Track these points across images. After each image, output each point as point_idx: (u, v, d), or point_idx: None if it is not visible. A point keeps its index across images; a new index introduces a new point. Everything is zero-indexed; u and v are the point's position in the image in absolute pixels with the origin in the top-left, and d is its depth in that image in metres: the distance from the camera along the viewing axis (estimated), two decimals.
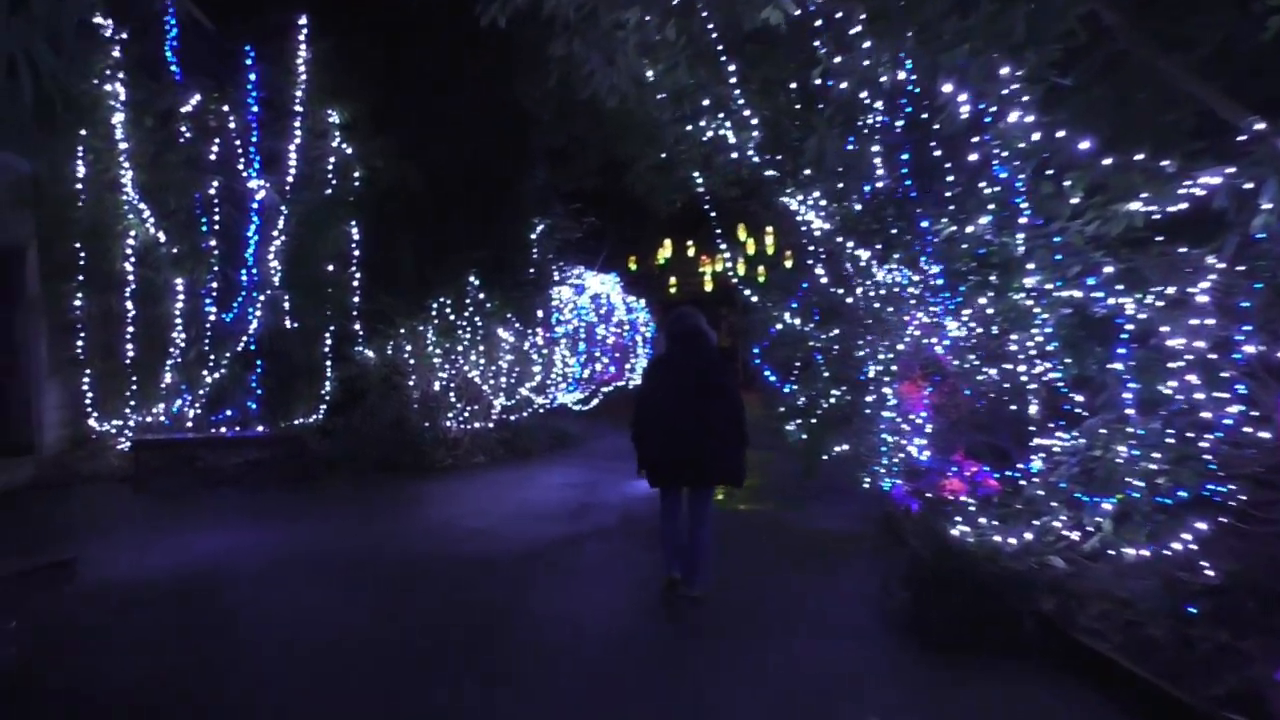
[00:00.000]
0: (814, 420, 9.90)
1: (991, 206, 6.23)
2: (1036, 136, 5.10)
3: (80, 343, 11.28)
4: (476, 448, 12.48)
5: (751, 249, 22.93)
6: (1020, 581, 5.30)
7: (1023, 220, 5.85)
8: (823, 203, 8.59)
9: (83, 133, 10.71)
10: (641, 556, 7.29)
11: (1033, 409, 6.65)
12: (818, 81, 5.85)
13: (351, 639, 5.58)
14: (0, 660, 4.75)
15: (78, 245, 10.92)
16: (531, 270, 13.98)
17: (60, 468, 11.04)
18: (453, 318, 12.51)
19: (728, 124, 8.73)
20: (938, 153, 6.91)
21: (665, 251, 24.64)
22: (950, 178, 6.89)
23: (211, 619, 5.98)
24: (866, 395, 8.54)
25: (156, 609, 6.17)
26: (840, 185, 7.92)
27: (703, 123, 8.60)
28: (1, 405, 10.85)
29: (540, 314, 14.21)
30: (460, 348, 12.53)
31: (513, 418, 13.42)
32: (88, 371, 11.41)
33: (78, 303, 11.12)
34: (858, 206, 8.12)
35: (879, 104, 7.02)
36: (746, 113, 8.34)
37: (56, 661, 5.08)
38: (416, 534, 8.44)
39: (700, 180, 10.37)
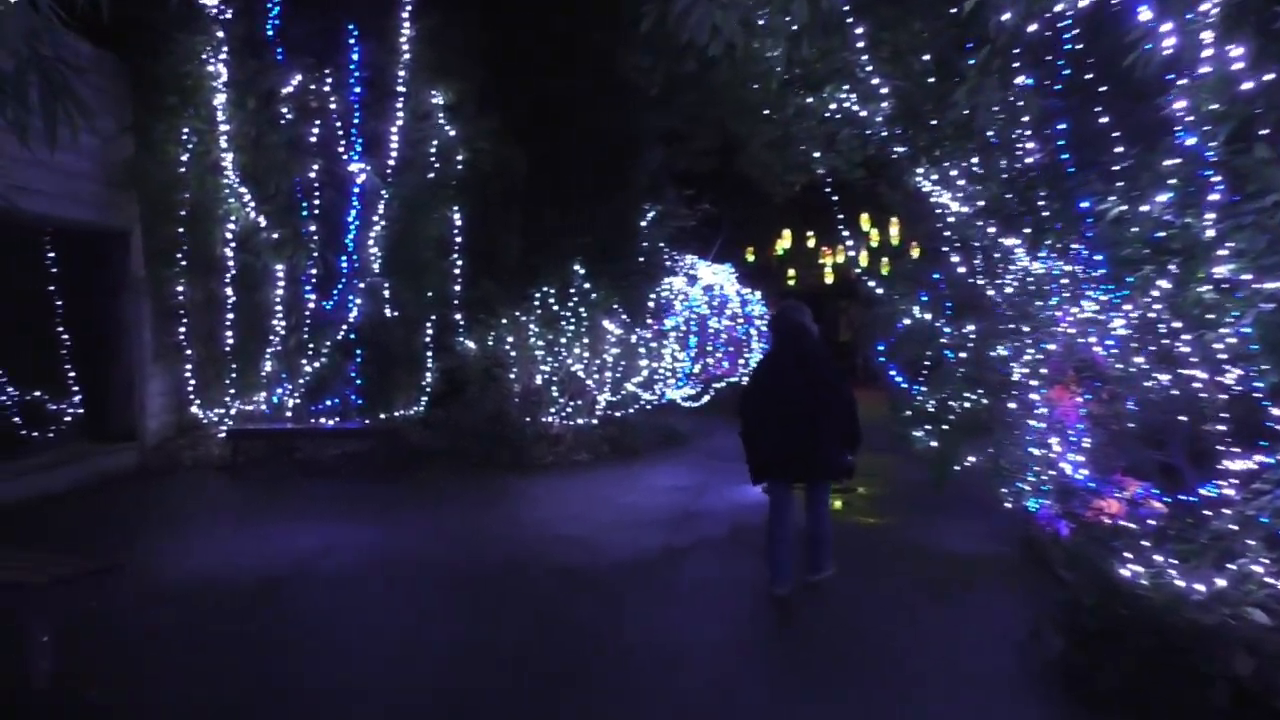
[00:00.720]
0: (945, 426, 8.90)
1: (1173, 181, 5.21)
2: (1248, 86, 4.09)
3: (183, 329, 11.16)
4: (579, 445, 11.88)
5: (875, 239, 21.82)
6: (1210, 637, 4.32)
7: (1214, 197, 4.83)
8: (960, 181, 7.61)
9: (187, 114, 10.56)
10: (751, 576, 6.52)
11: (1217, 424, 5.58)
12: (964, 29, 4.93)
13: (424, 661, 5.00)
14: (34, 676, 4.31)
15: (180, 229, 10.78)
16: (641, 259, 13.28)
17: (163, 455, 10.94)
18: (556, 308, 11.94)
19: (853, 95, 7.84)
20: (1104, 119, 5.89)
21: (784, 242, 23.64)
22: (1119, 149, 5.86)
23: (275, 630, 5.49)
24: (1009, 400, 7.53)
25: (220, 615, 5.73)
26: (986, 156, 6.91)
27: (825, 93, 7.72)
28: (105, 391, 10.79)
29: (649, 305, 13.51)
30: (564, 339, 11.95)
31: (618, 414, 12.78)
32: (190, 358, 11.30)
33: (180, 288, 10.99)
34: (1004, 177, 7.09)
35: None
36: (875, 81, 7.43)
37: (99, 676, 4.64)
38: (508, 539, 7.86)
39: (820, 160, 9.49)
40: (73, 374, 11.01)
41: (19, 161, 9.07)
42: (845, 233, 11.76)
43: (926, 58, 6.99)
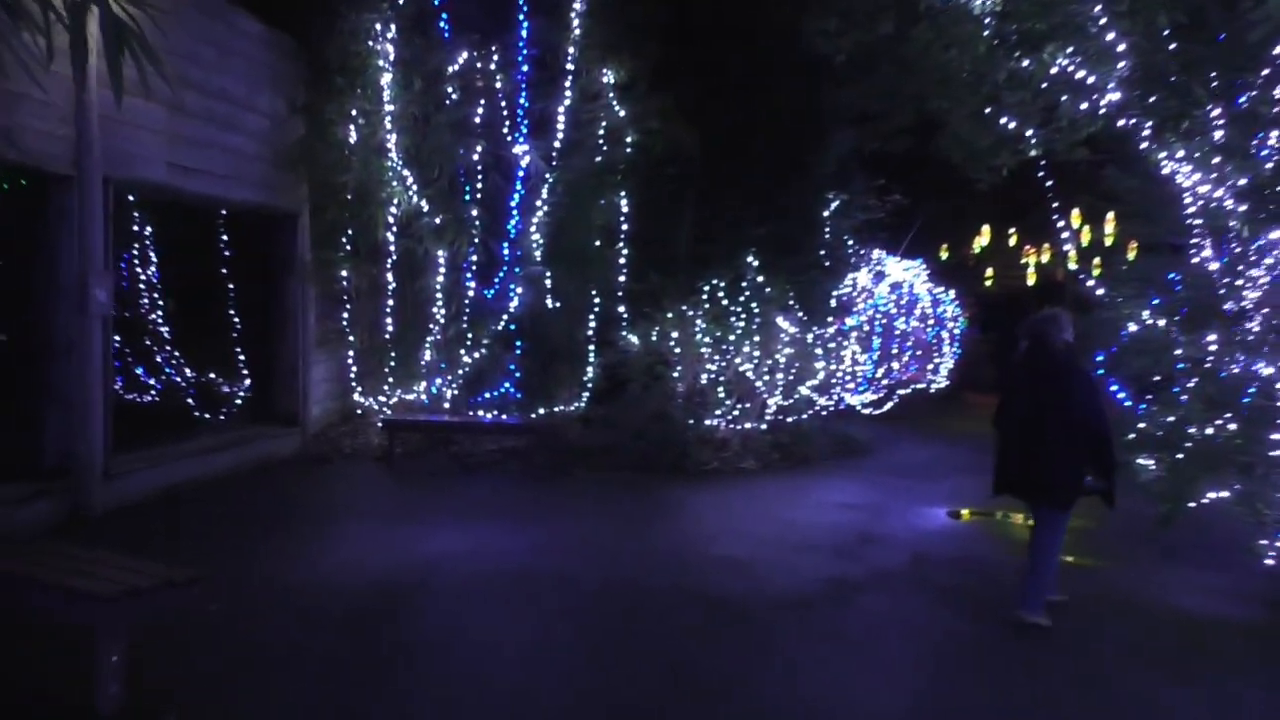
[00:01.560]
0: (1179, 455, 7.44)
1: None
2: None
3: (346, 315, 11.00)
4: (746, 450, 10.97)
5: (1087, 237, 19.76)
6: None
7: None
8: (1215, 159, 6.22)
9: (355, 94, 10.33)
10: (934, 624, 5.48)
11: None
12: None
13: (528, 715, 4.27)
14: (100, 701, 3.83)
15: (345, 213, 10.59)
16: (822, 252, 12.20)
17: (324, 442, 10.79)
18: (726, 303, 11.06)
19: (1079, 57, 6.57)
20: None
21: (982, 239, 21.79)
22: None
23: (372, 655, 4.89)
24: (1270, 430, 6.11)
25: (325, 630, 5.20)
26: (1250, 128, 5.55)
27: (1045, 54, 6.49)
28: (271, 375, 10.73)
29: (829, 302, 12.42)
30: (733, 337, 11.07)
31: (789, 419, 11.77)
32: (353, 345, 11.14)
33: (344, 273, 10.82)
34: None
35: None
36: (1110, 37, 6.16)
37: (176, 703, 4.15)
38: (658, 555, 7.08)
39: (1034, 139, 8.20)
40: (243, 357, 11.06)
41: (189, 142, 9.09)
42: (1057, 226, 10.29)
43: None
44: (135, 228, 11.02)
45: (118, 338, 11.32)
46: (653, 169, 11.02)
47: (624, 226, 11.26)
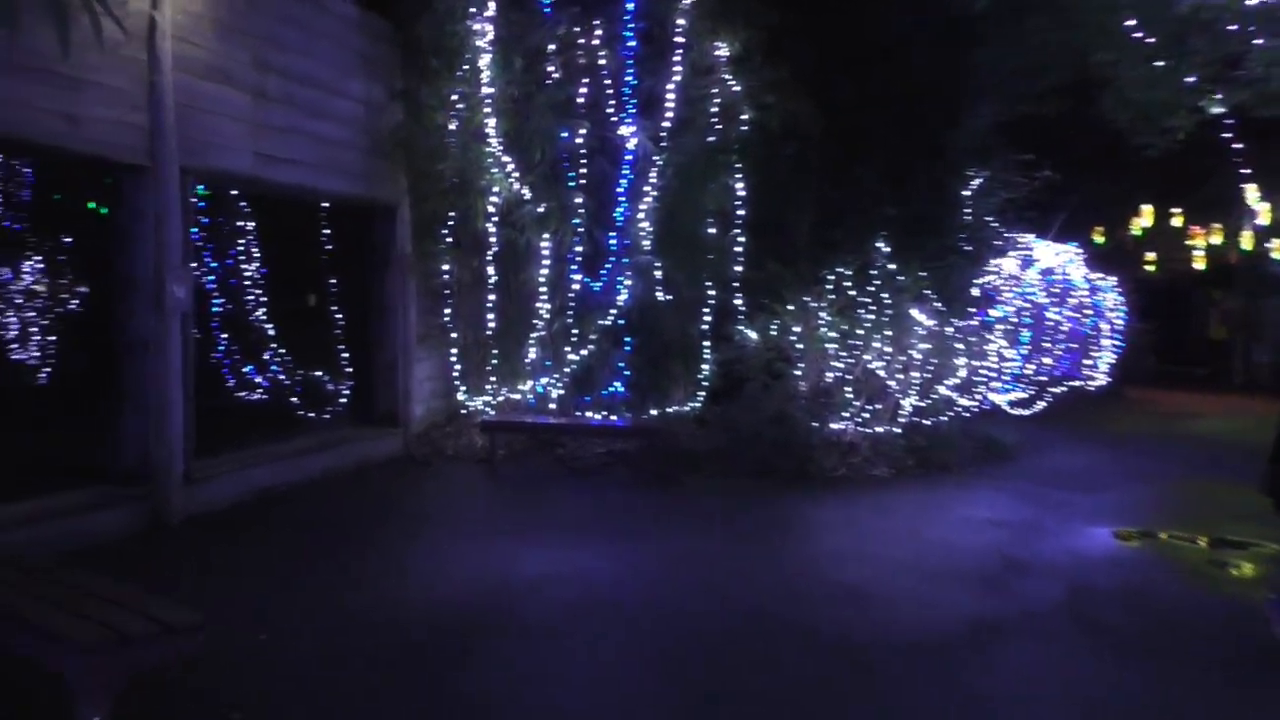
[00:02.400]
0: None
1: None
2: None
3: (448, 310, 10.49)
4: (876, 456, 9.93)
5: (1267, 215, 17.75)
6: None
7: None
8: None
9: (454, 77, 9.76)
10: (1104, 679, 4.44)
11: None
12: None
13: None
14: None
15: (445, 203, 10.05)
16: (961, 235, 10.97)
17: (426, 444, 10.33)
18: (854, 293, 10.03)
19: None
20: None
21: (1143, 220, 19.85)
22: None
23: (419, 706, 4.19)
24: None
25: (387, 670, 4.54)
26: None
27: None
28: (372, 373, 10.32)
29: (970, 291, 11.19)
30: (861, 331, 10.03)
31: (927, 421, 10.64)
32: (455, 342, 10.62)
33: (445, 266, 10.29)
34: None
35: None
36: None
37: None
38: (771, 583, 6.22)
39: (1216, 95, 6.92)
40: (342, 355, 10.70)
41: (275, 130, 8.68)
42: (1234, 201, 8.84)
43: None
44: (224, 220, 10.80)
45: (222, 335, 11.27)
46: (770, 147, 10.07)
47: (740, 211, 10.35)
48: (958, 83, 10.28)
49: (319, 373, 10.83)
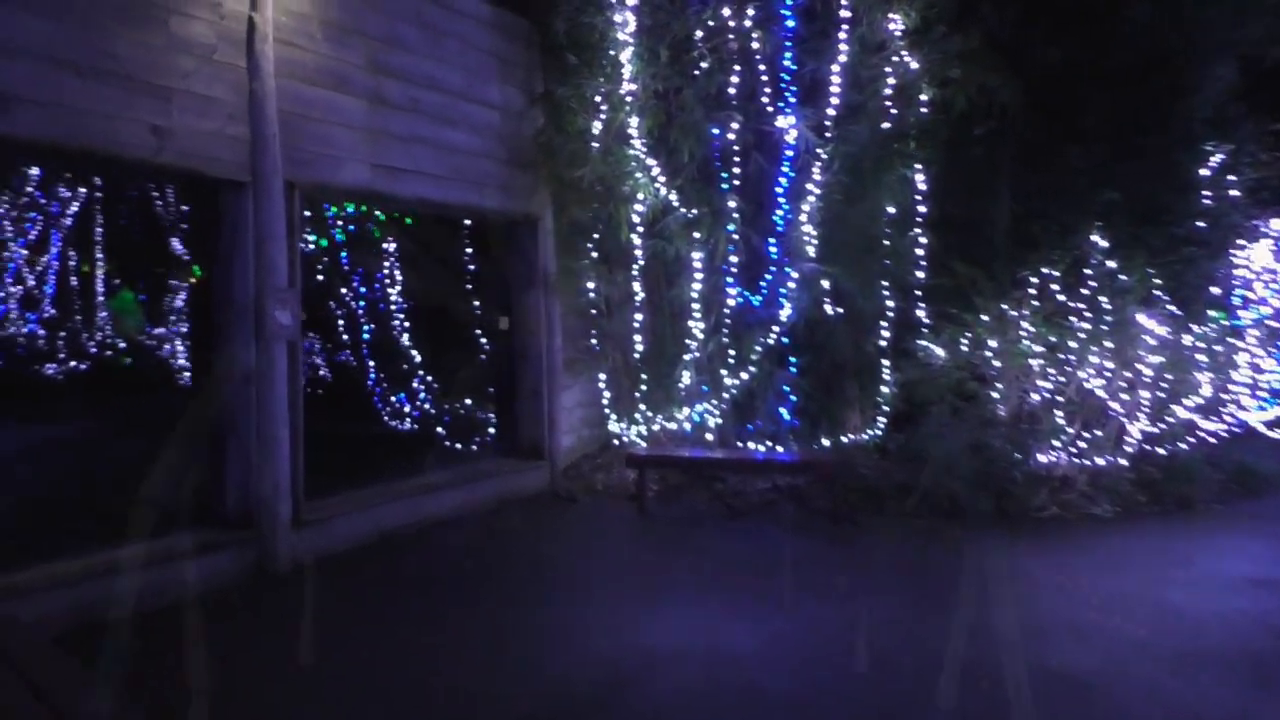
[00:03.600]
0: None
1: None
2: None
3: (595, 331, 9.61)
4: (1097, 491, 8.27)
5: None
6: None
7: None
8: None
9: (597, 75, 8.89)
10: None
11: None
12: None
13: None
14: None
15: (588, 213, 9.19)
16: (1200, 224, 9.08)
17: (574, 478, 9.48)
18: (1063, 298, 8.42)
19: None
20: None
21: None
22: None
23: None
24: None
25: None
26: None
27: None
28: (512, 401, 9.56)
29: (1211, 290, 9.27)
30: (1074, 343, 8.39)
31: (1161, 449, 8.83)
32: (604, 366, 9.73)
33: (590, 283, 9.42)
34: None
35: None
36: None
37: None
38: (958, 666, 4.85)
39: None
40: (492, 382, 9.99)
41: (396, 139, 8.00)
42: None
43: None
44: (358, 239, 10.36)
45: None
46: (956, 130, 8.60)
47: (920, 207, 8.93)
48: (1189, 37, 8.48)
49: (459, 401, 10.20)
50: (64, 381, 15.65)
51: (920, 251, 8.96)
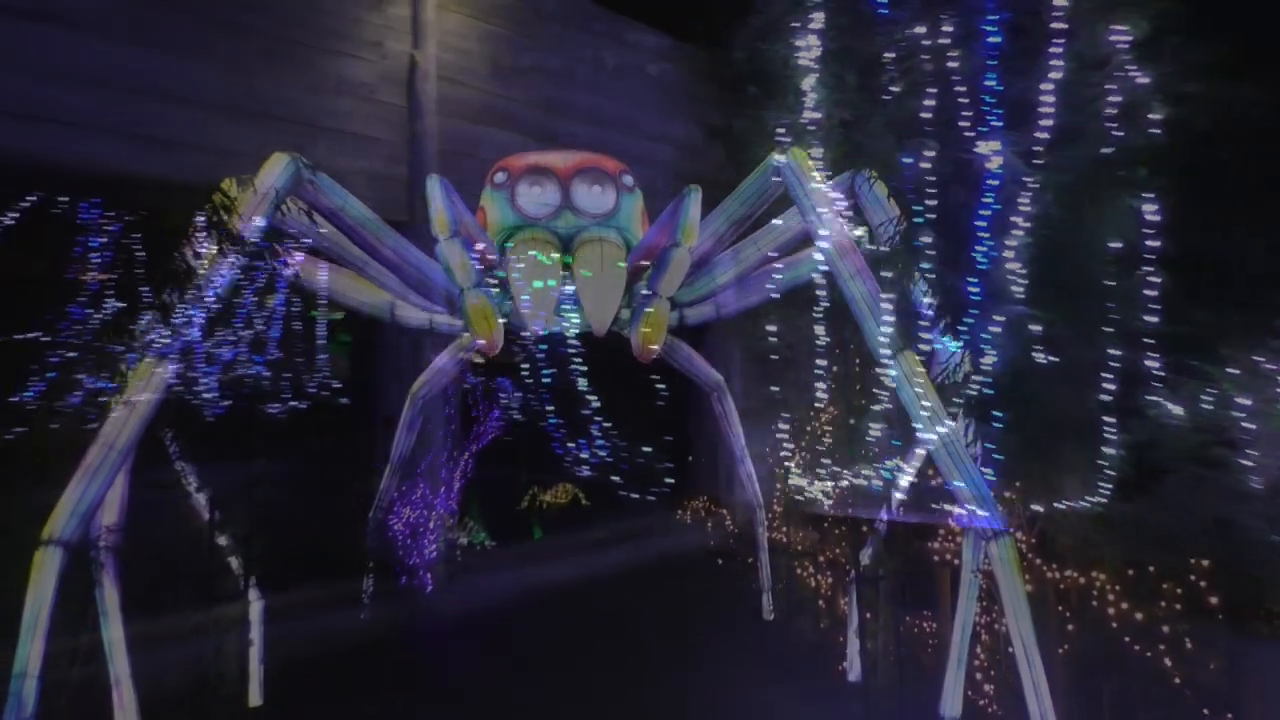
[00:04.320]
0: None
1: None
2: None
3: (774, 378, 8.97)
4: None
5: None
6: None
7: None
8: None
9: (782, 105, 8.38)
10: None
11: None
12: None
13: None
14: None
15: None
16: None
17: (751, 533, 8.83)
18: None
19: None
20: None
21: None
22: None
23: None
24: None
25: None
26: None
27: None
28: (688, 452, 9.06)
29: None
30: None
31: None
32: (785, 416, 9.05)
33: (769, 326, 8.81)
34: None
35: None
36: None
37: None
38: None
39: None
40: (655, 433, 9.53)
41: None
42: None
43: None
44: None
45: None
46: (1195, 153, 7.44)
47: (1151, 242, 7.75)
48: None
49: (630, 454, 9.77)
50: (285, 419, 16.48)
51: (1151, 293, 7.76)
